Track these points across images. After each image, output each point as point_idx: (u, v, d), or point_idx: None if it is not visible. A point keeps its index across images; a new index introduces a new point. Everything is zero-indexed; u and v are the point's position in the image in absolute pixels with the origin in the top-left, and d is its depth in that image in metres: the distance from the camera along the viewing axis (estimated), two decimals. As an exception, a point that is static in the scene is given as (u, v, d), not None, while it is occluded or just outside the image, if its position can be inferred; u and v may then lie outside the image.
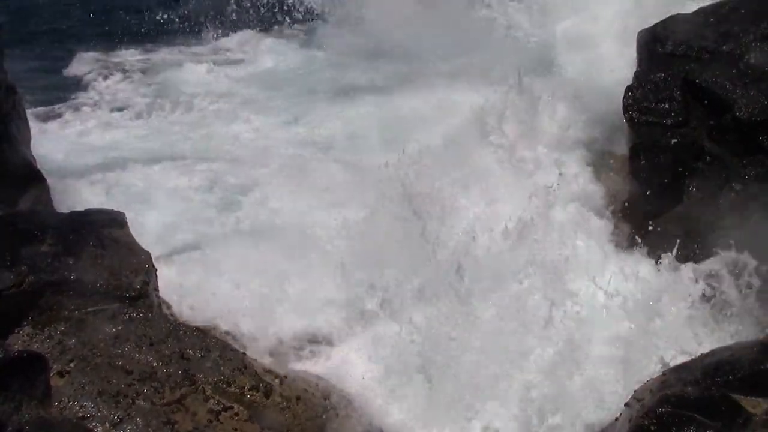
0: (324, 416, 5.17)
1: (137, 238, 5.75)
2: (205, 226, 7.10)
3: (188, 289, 5.87)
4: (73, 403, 4.61)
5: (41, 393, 4.36)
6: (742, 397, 4.24)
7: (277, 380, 5.19)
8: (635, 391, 4.67)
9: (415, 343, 5.57)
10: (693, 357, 4.84)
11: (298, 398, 5.16)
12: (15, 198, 6.31)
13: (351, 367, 5.68)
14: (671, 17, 7.63)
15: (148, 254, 5.61)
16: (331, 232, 6.44)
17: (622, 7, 8.92)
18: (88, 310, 5.11)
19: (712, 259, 5.87)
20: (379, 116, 8.92)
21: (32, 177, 6.64)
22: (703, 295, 5.72)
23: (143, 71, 11.45)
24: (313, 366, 5.69)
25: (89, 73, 11.39)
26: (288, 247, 6.34)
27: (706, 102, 6.85)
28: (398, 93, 9.43)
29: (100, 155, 8.50)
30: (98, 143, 8.97)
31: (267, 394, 5.08)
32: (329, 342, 5.90)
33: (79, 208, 6.21)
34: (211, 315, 5.68)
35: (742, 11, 7.27)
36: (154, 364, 4.93)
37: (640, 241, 6.47)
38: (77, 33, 13.46)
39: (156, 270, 5.57)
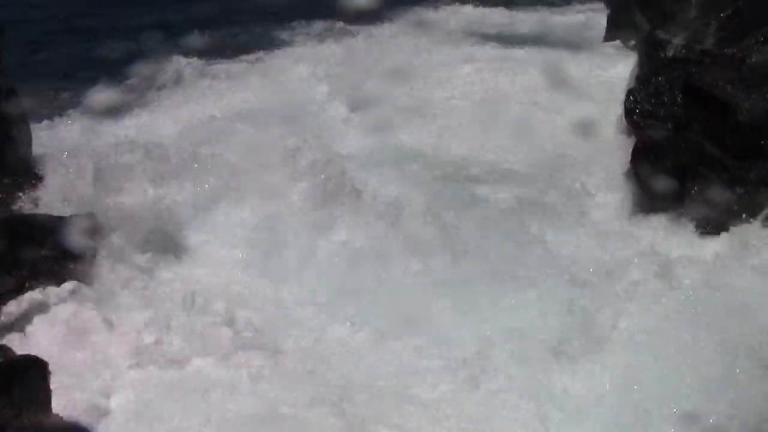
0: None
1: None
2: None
3: None
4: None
5: (42, 398, 4.34)
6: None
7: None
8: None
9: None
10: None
11: None
12: (15, 200, 6.31)
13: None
14: (672, 21, 7.62)
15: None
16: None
17: None
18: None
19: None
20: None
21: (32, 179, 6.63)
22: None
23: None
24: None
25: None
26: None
27: (707, 105, 6.83)
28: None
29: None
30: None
31: None
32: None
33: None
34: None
35: (744, 15, 7.26)
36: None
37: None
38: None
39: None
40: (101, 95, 9.90)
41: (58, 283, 5.27)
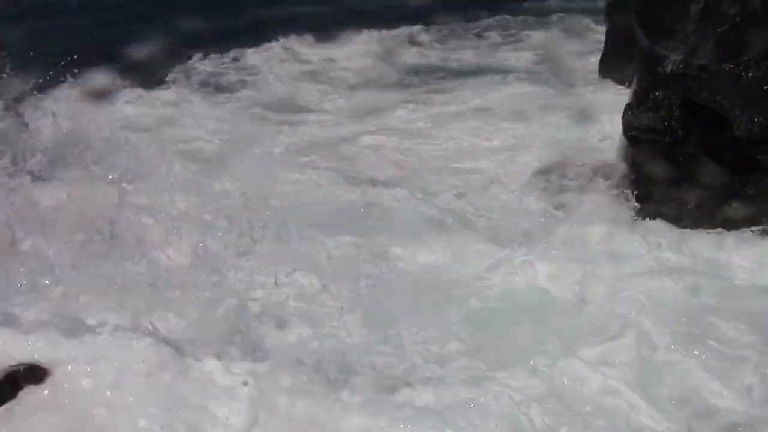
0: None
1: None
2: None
3: None
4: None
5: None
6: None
7: None
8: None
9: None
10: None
11: None
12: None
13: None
14: (670, 36, 7.63)
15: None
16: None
17: None
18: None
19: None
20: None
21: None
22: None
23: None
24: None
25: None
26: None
27: (705, 120, 6.88)
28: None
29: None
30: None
31: None
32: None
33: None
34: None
35: (742, 30, 7.29)
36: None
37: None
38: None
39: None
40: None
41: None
